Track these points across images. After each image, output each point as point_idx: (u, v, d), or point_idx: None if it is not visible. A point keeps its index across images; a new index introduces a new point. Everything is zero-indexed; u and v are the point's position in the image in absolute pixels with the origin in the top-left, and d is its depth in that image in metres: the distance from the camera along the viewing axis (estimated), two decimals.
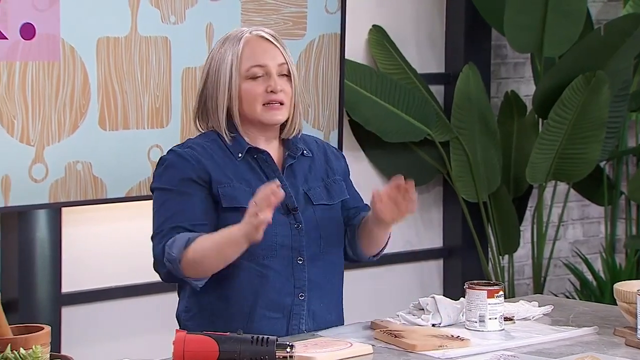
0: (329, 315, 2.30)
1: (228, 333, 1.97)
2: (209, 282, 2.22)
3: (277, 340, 1.96)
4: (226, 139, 2.26)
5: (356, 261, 2.40)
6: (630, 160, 4.49)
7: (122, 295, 3.47)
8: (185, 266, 2.16)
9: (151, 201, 3.41)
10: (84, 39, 3.18)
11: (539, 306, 2.42)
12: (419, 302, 2.33)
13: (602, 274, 4.33)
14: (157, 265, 2.23)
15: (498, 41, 4.30)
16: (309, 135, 2.40)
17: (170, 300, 3.57)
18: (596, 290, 4.24)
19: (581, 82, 3.88)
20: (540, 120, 4.10)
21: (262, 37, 2.27)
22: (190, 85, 3.39)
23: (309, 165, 2.33)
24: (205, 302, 2.25)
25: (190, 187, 2.22)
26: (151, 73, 3.31)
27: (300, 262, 2.25)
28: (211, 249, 2.15)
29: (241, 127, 2.27)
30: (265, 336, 1.95)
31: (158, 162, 2.29)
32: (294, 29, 3.59)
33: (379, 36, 4.00)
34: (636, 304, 2.17)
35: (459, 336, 2.16)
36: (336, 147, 2.45)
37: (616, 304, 2.32)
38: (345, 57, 3.72)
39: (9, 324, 1.82)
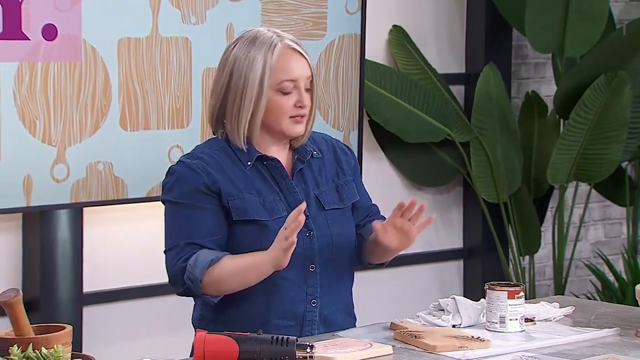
0: (339, 318, 2.29)
1: (248, 333, 1.97)
2: None
3: (297, 341, 1.96)
4: (241, 146, 2.23)
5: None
6: None
7: (143, 295, 3.48)
8: (206, 286, 2.17)
9: None
10: (105, 40, 3.19)
11: (560, 307, 2.40)
12: (439, 303, 2.33)
13: (623, 275, 4.30)
14: (175, 282, 2.22)
15: (519, 41, 4.29)
16: (318, 133, 2.37)
17: (190, 301, 3.58)
18: (618, 292, 4.21)
19: (603, 83, 3.86)
20: (561, 120, 4.08)
21: (294, 49, 2.24)
22: (211, 86, 3.39)
23: (319, 167, 2.31)
24: (219, 312, 2.25)
25: (201, 200, 2.20)
26: (172, 73, 3.32)
27: (313, 270, 2.25)
28: (235, 272, 2.16)
29: (254, 135, 2.24)
30: (285, 336, 1.96)
31: (167, 173, 2.26)
32: (314, 29, 3.59)
33: (399, 36, 4.00)
34: None
35: (479, 337, 2.15)
36: (347, 145, 2.43)
37: (638, 305, 2.30)
38: (366, 57, 3.72)
39: (31, 324, 1.83)
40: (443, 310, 2.31)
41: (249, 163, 2.24)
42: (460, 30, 4.18)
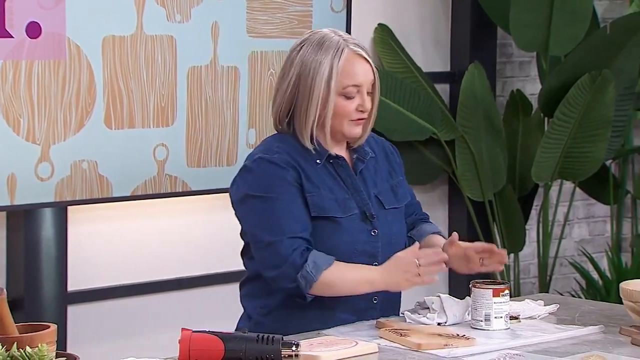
0: (391, 314, 2.36)
1: (233, 331, 1.97)
2: None
3: (282, 339, 1.96)
4: (309, 146, 2.28)
5: None
6: (636, 159, 4.49)
7: (128, 293, 3.47)
8: (317, 287, 2.22)
9: (154, 200, 3.42)
10: (89, 38, 3.18)
11: (545, 305, 2.41)
12: (425, 301, 2.33)
13: (607, 273, 4.32)
14: (284, 276, 2.22)
15: (503, 40, 4.30)
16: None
17: (174, 299, 3.58)
18: (602, 289, 4.23)
19: (587, 81, 3.87)
20: (545, 119, 4.10)
21: (359, 54, 2.29)
22: (196, 84, 3.39)
23: (374, 166, 2.38)
24: (285, 303, 2.29)
25: (291, 192, 2.25)
26: (157, 72, 3.31)
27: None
28: (348, 281, 2.23)
29: (320, 135, 2.30)
30: (271, 335, 1.96)
31: (243, 170, 2.29)
32: (300, 27, 3.59)
33: (384, 35, 4.00)
34: None
35: (464, 335, 2.16)
36: (392, 144, 2.50)
37: (622, 303, 2.31)
38: None
39: (15, 322, 1.82)
40: (428, 308, 2.31)
41: (319, 161, 2.30)
42: (445, 29, 4.19)
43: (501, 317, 2.24)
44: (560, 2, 3.87)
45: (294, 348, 1.95)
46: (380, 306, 2.33)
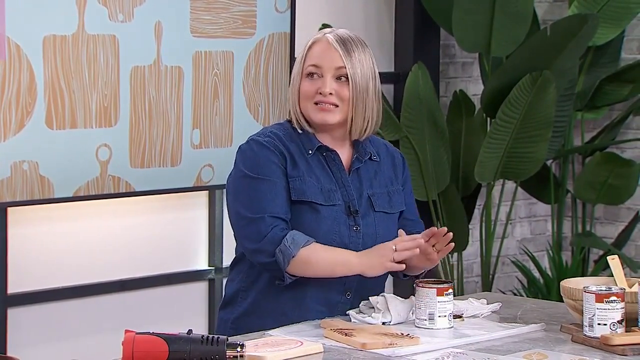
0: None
1: (178, 333, 1.96)
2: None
3: (227, 340, 1.95)
4: (298, 129, 2.33)
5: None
6: (576, 159, 4.56)
7: (70, 295, 3.43)
8: (295, 264, 2.25)
9: (97, 201, 3.38)
10: (29, 37, 3.13)
11: (488, 303, 2.44)
12: (369, 301, 2.34)
13: (548, 271, 4.38)
14: (263, 251, 2.26)
15: (446, 41, 4.34)
16: (379, 139, 2.47)
17: (117, 301, 3.54)
18: (543, 288, 4.29)
19: (528, 82, 3.92)
20: (488, 119, 4.14)
21: (328, 41, 2.33)
22: (139, 84, 3.36)
23: (375, 170, 2.40)
24: (261, 287, 2.32)
25: (277, 176, 2.30)
26: (99, 72, 3.27)
27: None
28: (326, 261, 2.26)
29: (308, 125, 2.35)
30: (216, 335, 1.95)
31: (238, 151, 2.36)
32: (244, 27, 3.58)
33: None
34: (582, 300, 2.20)
35: (408, 334, 2.17)
36: (402, 154, 2.52)
37: (563, 301, 2.35)
38: (295, 56, 3.72)
39: None
40: (373, 308, 2.32)
41: (310, 151, 2.34)
42: (389, 30, 4.21)
43: (445, 316, 2.26)
44: (502, 4, 3.92)
45: (239, 349, 1.95)
46: (352, 301, 2.34)
